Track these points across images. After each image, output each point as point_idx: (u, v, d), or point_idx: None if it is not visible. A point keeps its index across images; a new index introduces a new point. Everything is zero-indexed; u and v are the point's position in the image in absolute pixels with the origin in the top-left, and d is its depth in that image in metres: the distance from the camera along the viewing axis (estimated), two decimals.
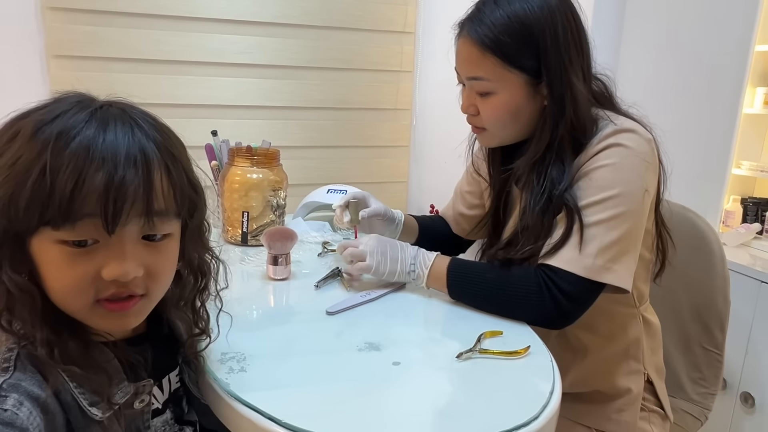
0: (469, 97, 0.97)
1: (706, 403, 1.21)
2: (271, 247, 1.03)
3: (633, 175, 0.87)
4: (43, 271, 0.53)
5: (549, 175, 0.91)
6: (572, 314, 0.88)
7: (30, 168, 0.50)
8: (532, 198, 0.92)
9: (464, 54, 0.94)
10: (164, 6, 1.75)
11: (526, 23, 0.88)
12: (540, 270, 0.88)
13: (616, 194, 0.86)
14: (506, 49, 0.89)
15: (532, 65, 0.89)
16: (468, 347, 0.79)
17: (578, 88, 0.90)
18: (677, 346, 1.25)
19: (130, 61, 1.76)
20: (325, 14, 1.90)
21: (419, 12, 2.00)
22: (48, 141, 0.50)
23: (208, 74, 1.83)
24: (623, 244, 0.86)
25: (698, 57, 1.80)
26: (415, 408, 0.67)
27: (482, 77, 0.92)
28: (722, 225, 1.79)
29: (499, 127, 0.96)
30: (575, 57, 0.90)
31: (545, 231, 0.90)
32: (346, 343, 0.81)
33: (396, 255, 0.96)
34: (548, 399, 0.69)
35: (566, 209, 0.88)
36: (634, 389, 1.00)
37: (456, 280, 0.93)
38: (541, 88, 0.91)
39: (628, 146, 0.88)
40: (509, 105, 0.92)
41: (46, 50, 1.69)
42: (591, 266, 0.85)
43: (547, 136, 0.91)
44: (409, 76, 2.05)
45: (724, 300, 1.20)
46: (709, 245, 1.20)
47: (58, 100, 0.55)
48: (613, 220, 0.86)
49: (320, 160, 2.01)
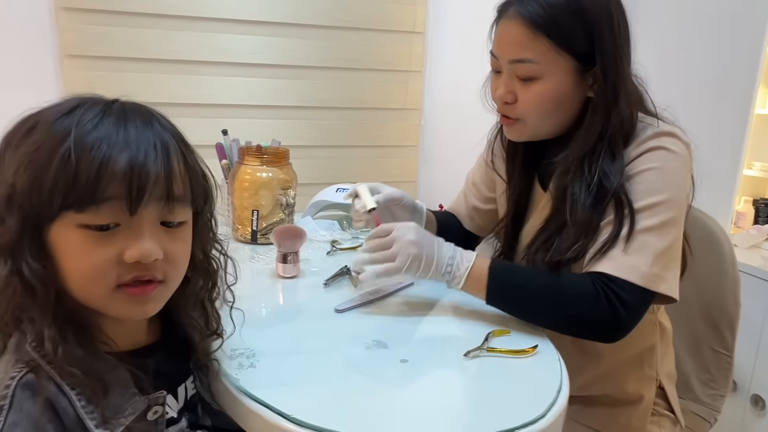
0: (508, 82, 0.89)
1: (715, 405, 1.21)
2: (281, 245, 1.04)
3: (679, 180, 0.85)
4: (62, 258, 0.53)
5: (600, 167, 0.85)
6: (629, 325, 0.82)
7: (53, 152, 0.51)
8: (582, 191, 0.86)
9: (511, 35, 0.87)
10: (175, 6, 1.76)
11: (581, 3, 0.83)
12: (597, 278, 0.82)
13: (666, 200, 0.83)
14: (560, 30, 0.83)
15: (584, 49, 0.85)
16: (476, 345, 0.79)
17: (629, 81, 0.87)
18: (687, 348, 1.25)
19: (141, 61, 1.77)
20: (335, 14, 1.91)
21: (428, 12, 2.00)
22: (69, 127, 0.52)
23: (219, 74, 1.85)
24: (672, 251, 0.83)
25: (709, 57, 1.79)
26: (422, 405, 0.67)
27: (531, 59, 0.85)
28: (733, 226, 1.78)
29: (538, 117, 0.90)
30: (626, 47, 0.87)
31: (594, 228, 0.85)
32: (355, 341, 0.81)
33: (432, 254, 0.86)
34: (555, 397, 0.69)
35: (617, 209, 0.83)
36: (646, 396, 0.98)
37: (497, 285, 0.86)
38: (587, 77, 0.87)
39: (672, 150, 0.85)
40: (555, 92, 0.87)
41: (59, 50, 1.71)
42: (648, 275, 0.80)
43: (599, 126, 0.86)
44: (418, 76, 2.05)
45: (734, 302, 1.19)
46: (719, 246, 1.20)
47: (71, 99, 0.56)
48: (664, 226, 0.82)
49: (329, 159, 2.01)
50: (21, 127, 0.54)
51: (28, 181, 0.51)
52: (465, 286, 0.87)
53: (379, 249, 0.87)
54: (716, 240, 1.20)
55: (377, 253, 0.87)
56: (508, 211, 1.05)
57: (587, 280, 0.82)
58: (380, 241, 0.88)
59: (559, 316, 0.84)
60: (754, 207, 1.77)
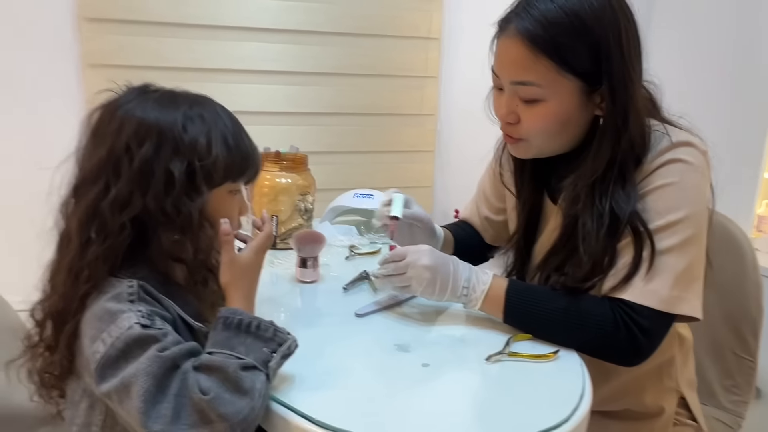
0: (510, 103, 0.85)
1: (738, 411, 1.19)
2: (300, 250, 1.05)
3: (697, 194, 0.81)
4: (213, 214, 0.73)
5: (611, 196, 0.81)
6: (649, 351, 0.81)
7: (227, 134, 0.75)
8: (594, 222, 0.82)
9: (511, 55, 0.81)
10: (194, 15, 1.79)
11: (585, 21, 0.77)
12: (616, 305, 0.80)
13: (684, 217, 0.79)
14: (562, 51, 0.78)
15: (589, 70, 0.79)
16: (497, 350, 0.79)
17: (640, 100, 0.81)
18: (709, 353, 1.23)
19: (161, 70, 1.80)
20: (350, 21, 1.92)
21: (444, 18, 2.01)
22: (231, 117, 0.79)
23: (237, 81, 1.87)
24: (694, 270, 0.80)
25: (728, 60, 1.77)
26: (445, 409, 0.68)
27: (532, 82, 0.80)
28: (755, 230, 1.75)
29: (543, 139, 0.86)
30: (636, 63, 0.81)
31: (610, 257, 0.82)
32: (376, 345, 0.82)
33: (447, 278, 0.85)
34: (579, 402, 0.69)
35: (634, 234, 0.80)
36: (667, 408, 0.97)
37: (514, 307, 0.85)
38: (594, 96, 0.82)
39: (688, 161, 0.80)
40: (559, 114, 0.82)
41: (81, 59, 1.75)
42: (667, 298, 0.78)
43: (608, 152, 0.81)
44: (434, 82, 2.06)
45: (757, 306, 1.18)
46: (741, 250, 1.19)
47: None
48: (684, 245, 0.79)
49: (346, 165, 2.02)
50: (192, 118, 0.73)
51: (216, 159, 0.71)
52: (482, 307, 0.86)
53: (394, 272, 0.87)
54: (738, 244, 1.19)
55: (394, 277, 0.88)
56: (519, 226, 1.03)
57: (606, 307, 0.80)
58: (395, 265, 0.87)
59: (577, 341, 0.82)
60: None
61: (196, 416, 0.59)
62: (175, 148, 0.69)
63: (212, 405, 0.59)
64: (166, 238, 0.70)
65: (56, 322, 0.69)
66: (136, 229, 0.69)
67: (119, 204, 0.67)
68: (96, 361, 0.62)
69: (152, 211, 0.68)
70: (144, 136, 0.68)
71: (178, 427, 0.58)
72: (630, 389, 0.97)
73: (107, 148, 0.68)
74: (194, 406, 0.59)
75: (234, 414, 0.59)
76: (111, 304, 0.65)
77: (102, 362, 0.62)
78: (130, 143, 0.68)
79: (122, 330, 0.62)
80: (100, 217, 0.67)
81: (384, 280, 0.89)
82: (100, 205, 0.67)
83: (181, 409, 0.59)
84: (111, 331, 0.63)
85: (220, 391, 0.60)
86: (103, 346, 0.62)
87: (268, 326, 0.68)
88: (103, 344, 0.62)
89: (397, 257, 0.88)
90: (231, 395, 0.60)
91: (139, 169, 0.67)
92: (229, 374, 0.61)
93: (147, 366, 0.60)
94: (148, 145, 0.68)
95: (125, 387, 0.60)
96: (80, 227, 0.68)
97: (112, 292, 0.66)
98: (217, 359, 0.63)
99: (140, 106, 0.70)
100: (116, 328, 0.63)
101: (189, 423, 0.59)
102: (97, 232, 0.67)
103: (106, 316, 0.64)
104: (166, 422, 0.58)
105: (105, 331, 0.63)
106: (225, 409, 0.59)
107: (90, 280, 0.67)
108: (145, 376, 0.60)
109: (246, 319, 0.67)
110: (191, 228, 0.70)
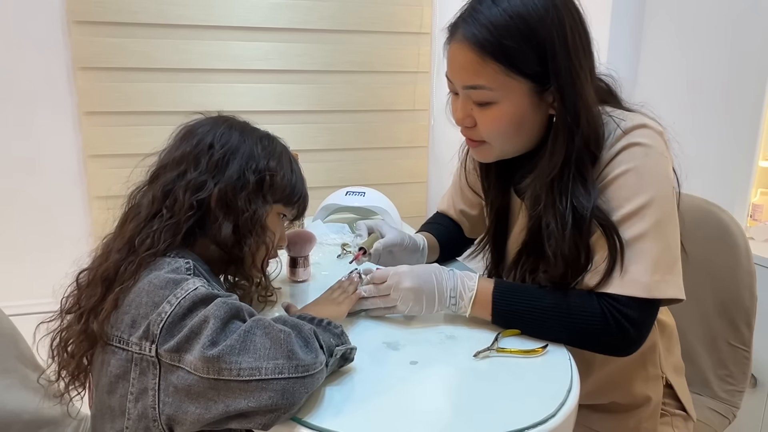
0: (465, 107, 0.86)
1: (733, 400, 1.19)
2: (291, 249, 1.05)
3: (659, 175, 0.81)
4: (267, 224, 0.82)
5: (571, 193, 0.82)
6: (640, 340, 0.81)
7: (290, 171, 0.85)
8: (558, 223, 0.82)
9: (460, 60, 0.83)
10: (184, 16, 1.79)
11: (530, 23, 0.78)
12: (602, 299, 0.80)
13: (650, 200, 0.79)
14: (509, 54, 0.79)
15: (538, 71, 0.80)
16: (485, 346, 0.79)
17: (590, 95, 0.82)
18: (703, 343, 1.23)
19: (153, 71, 1.80)
20: (341, 18, 1.92)
21: (434, 12, 2.00)
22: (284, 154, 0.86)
23: (229, 81, 1.87)
24: (671, 251, 0.80)
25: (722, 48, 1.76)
26: (432, 406, 0.68)
27: (482, 86, 0.82)
28: (750, 219, 1.75)
29: (501, 141, 0.87)
30: (584, 60, 0.81)
31: (586, 254, 0.82)
32: (364, 344, 0.82)
33: (432, 293, 0.85)
34: (566, 397, 0.69)
35: (602, 229, 0.80)
36: (653, 397, 0.97)
37: (502, 308, 0.85)
38: (546, 96, 0.82)
39: (645, 144, 0.81)
40: (512, 116, 0.83)
41: (72, 62, 1.75)
42: (650, 284, 0.78)
43: (562, 150, 0.82)
44: (426, 77, 2.05)
45: (750, 295, 1.18)
46: (733, 239, 1.18)
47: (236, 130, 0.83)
48: (655, 228, 0.79)
49: (340, 162, 2.02)
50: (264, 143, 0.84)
51: (283, 187, 0.83)
52: (472, 312, 0.86)
53: (377, 294, 0.88)
54: (730, 233, 1.19)
55: (378, 299, 0.88)
56: (489, 226, 1.04)
57: (594, 301, 0.81)
58: (377, 289, 0.88)
59: (568, 337, 0.82)
60: None
61: (269, 342, 0.63)
62: (251, 155, 0.80)
63: (288, 339, 0.63)
64: (224, 229, 0.77)
65: (103, 285, 0.72)
66: (202, 213, 0.76)
67: (193, 187, 0.75)
68: (162, 320, 0.65)
69: (223, 199, 0.76)
70: (227, 140, 0.79)
71: (244, 357, 0.61)
72: (615, 380, 0.97)
73: (193, 144, 0.78)
74: (269, 335, 0.63)
75: (302, 358, 0.63)
76: (172, 275, 0.69)
77: (170, 320, 0.64)
78: (215, 142, 0.78)
79: (188, 291, 0.67)
80: (174, 195, 0.75)
81: (367, 303, 0.89)
82: (174, 186, 0.75)
83: (248, 340, 0.62)
84: (177, 294, 0.66)
85: (294, 336, 0.65)
86: (170, 306, 0.65)
87: (339, 326, 0.74)
88: (170, 305, 0.65)
89: (377, 280, 0.89)
90: (301, 346, 0.65)
91: (218, 161, 0.77)
92: (304, 331, 0.67)
93: (215, 310, 0.64)
94: (229, 146, 0.79)
95: (195, 333, 0.63)
96: (153, 202, 0.75)
97: (169, 267, 0.71)
98: (293, 319, 0.70)
99: (228, 128, 0.82)
100: (182, 290, 0.67)
101: (257, 350, 0.62)
102: (167, 207, 0.74)
103: (170, 284, 0.68)
104: (231, 350, 0.61)
105: (171, 294, 0.66)
106: (296, 348, 0.63)
107: (150, 249, 0.72)
108: (214, 319, 0.63)
109: (318, 318, 0.74)
110: (251, 226, 0.78)
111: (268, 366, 0.61)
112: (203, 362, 0.61)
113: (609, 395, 0.99)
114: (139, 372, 0.66)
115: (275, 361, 0.62)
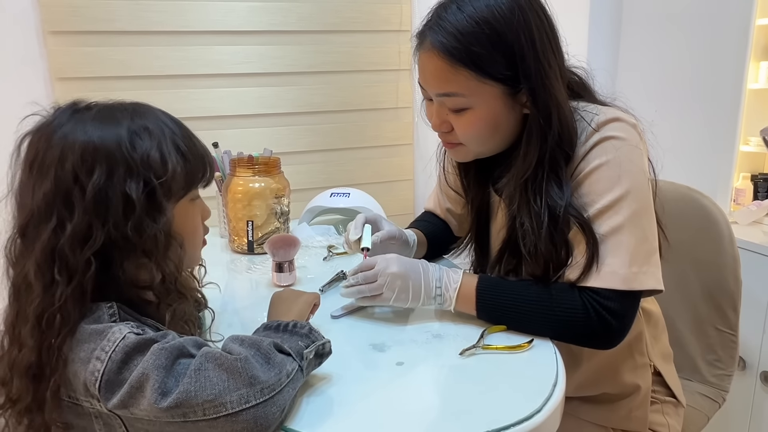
0: (440, 113, 0.87)
1: (722, 384, 1.20)
2: (275, 254, 1.04)
3: (633, 168, 0.81)
4: (178, 230, 0.70)
5: (545, 192, 0.82)
6: (622, 332, 0.81)
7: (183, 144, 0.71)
8: (533, 222, 0.83)
9: (431, 69, 0.83)
10: (161, 22, 1.77)
11: (496, 27, 0.78)
12: (583, 292, 0.81)
13: (625, 192, 0.80)
14: (479, 60, 0.79)
15: (508, 74, 0.80)
16: (471, 343, 0.79)
17: (561, 94, 0.83)
18: (690, 329, 1.24)
19: (131, 79, 1.78)
20: (320, 18, 1.91)
21: (414, 9, 2.00)
22: (175, 121, 0.76)
23: (208, 86, 1.85)
24: (649, 243, 0.81)
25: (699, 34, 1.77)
26: (419, 407, 0.68)
27: (455, 93, 0.83)
28: (733, 203, 1.76)
29: (477, 143, 0.88)
30: (552, 59, 0.82)
31: (566, 250, 0.82)
32: (350, 346, 0.82)
33: (418, 282, 0.86)
34: (551, 391, 0.69)
35: (578, 225, 0.81)
36: (642, 385, 0.98)
37: (486, 302, 0.85)
38: (519, 97, 0.83)
39: (619, 137, 0.81)
40: (487, 119, 0.84)
41: (50, 74, 1.72)
42: (628, 276, 0.79)
43: (536, 150, 0.83)
44: (407, 74, 2.05)
45: (735, 280, 1.19)
46: (716, 225, 1.19)
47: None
48: (631, 220, 0.80)
49: (325, 163, 2.01)
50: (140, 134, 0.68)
51: (174, 171, 0.68)
52: (456, 306, 0.87)
53: (363, 282, 0.87)
54: (713, 219, 1.20)
55: (364, 285, 0.87)
56: (471, 224, 1.06)
57: (576, 295, 0.81)
58: (363, 275, 0.87)
59: (551, 331, 0.82)
60: (752, 183, 1.75)
61: (225, 375, 0.57)
62: (127, 169, 0.64)
63: (246, 365, 0.58)
64: (132, 265, 0.67)
65: (29, 378, 0.62)
66: (100, 261, 0.64)
67: (79, 239, 0.62)
68: (97, 379, 0.58)
69: (115, 240, 0.64)
70: (92, 162, 0.63)
71: (203, 396, 0.56)
72: (603, 371, 0.98)
73: (51, 180, 0.63)
74: (223, 366, 0.58)
75: (264, 380, 0.59)
76: (93, 325, 0.62)
77: (105, 378, 0.58)
78: (78, 172, 0.62)
79: (116, 341, 0.59)
80: (61, 257, 0.62)
81: (353, 290, 0.88)
82: (58, 244, 0.62)
83: (202, 377, 0.57)
84: (104, 347, 0.59)
85: (251, 357, 0.60)
86: (100, 362, 0.58)
87: (305, 325, 0.70)
88: (100, 361, 0.58)
89: (365, 267, 0.89)
90: (261, 365, 0.60)
91: (93, 198, 0.62)
92: (262, 347, 0.62)
93: (154, 360, 0.58)
94: (99, 171, 0.63)
95: (137, 389, 0.57)
96: (40, 271, 0.62)
97: (91, 317, 0.63)
98: (251, 336, 0.65)
99: (79, 127, 0.65)
100: (108, 342, 0.59)
101: (215, 385, 0.57)
102: (60, 273, 0.62)
103: (94, 335, 0.60)
104: (188, 394, 0.56)
105: (98, 348, 0.59)
106: (255, 371, 0.59)
107: (65, 325, 0.62)
108: (155, 370, 0.57)
109: (284, 322, 0.70)
110: (158, 250, 0.67)
111: (232, 399, 0.57)
112: (161, 412, 0.56)
113: (599, 386, 0.99)
114: (103, 423, 0.62)
115: (238, 392, 0.57)
